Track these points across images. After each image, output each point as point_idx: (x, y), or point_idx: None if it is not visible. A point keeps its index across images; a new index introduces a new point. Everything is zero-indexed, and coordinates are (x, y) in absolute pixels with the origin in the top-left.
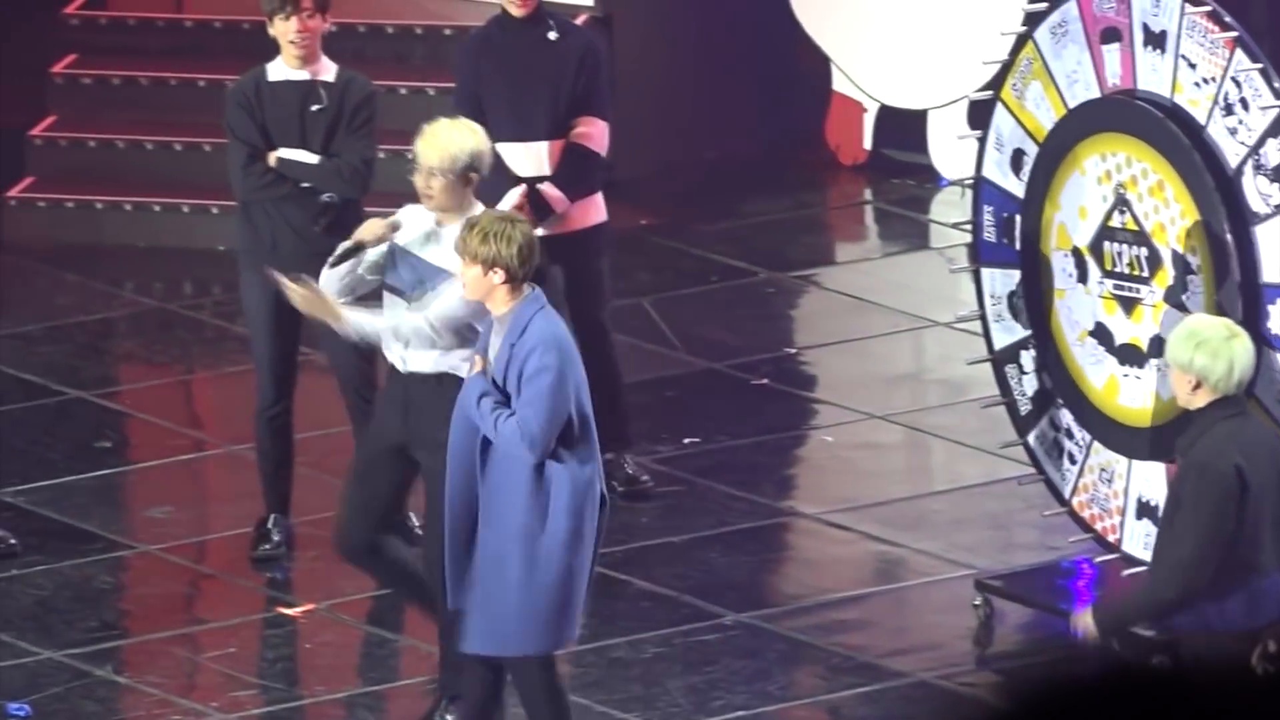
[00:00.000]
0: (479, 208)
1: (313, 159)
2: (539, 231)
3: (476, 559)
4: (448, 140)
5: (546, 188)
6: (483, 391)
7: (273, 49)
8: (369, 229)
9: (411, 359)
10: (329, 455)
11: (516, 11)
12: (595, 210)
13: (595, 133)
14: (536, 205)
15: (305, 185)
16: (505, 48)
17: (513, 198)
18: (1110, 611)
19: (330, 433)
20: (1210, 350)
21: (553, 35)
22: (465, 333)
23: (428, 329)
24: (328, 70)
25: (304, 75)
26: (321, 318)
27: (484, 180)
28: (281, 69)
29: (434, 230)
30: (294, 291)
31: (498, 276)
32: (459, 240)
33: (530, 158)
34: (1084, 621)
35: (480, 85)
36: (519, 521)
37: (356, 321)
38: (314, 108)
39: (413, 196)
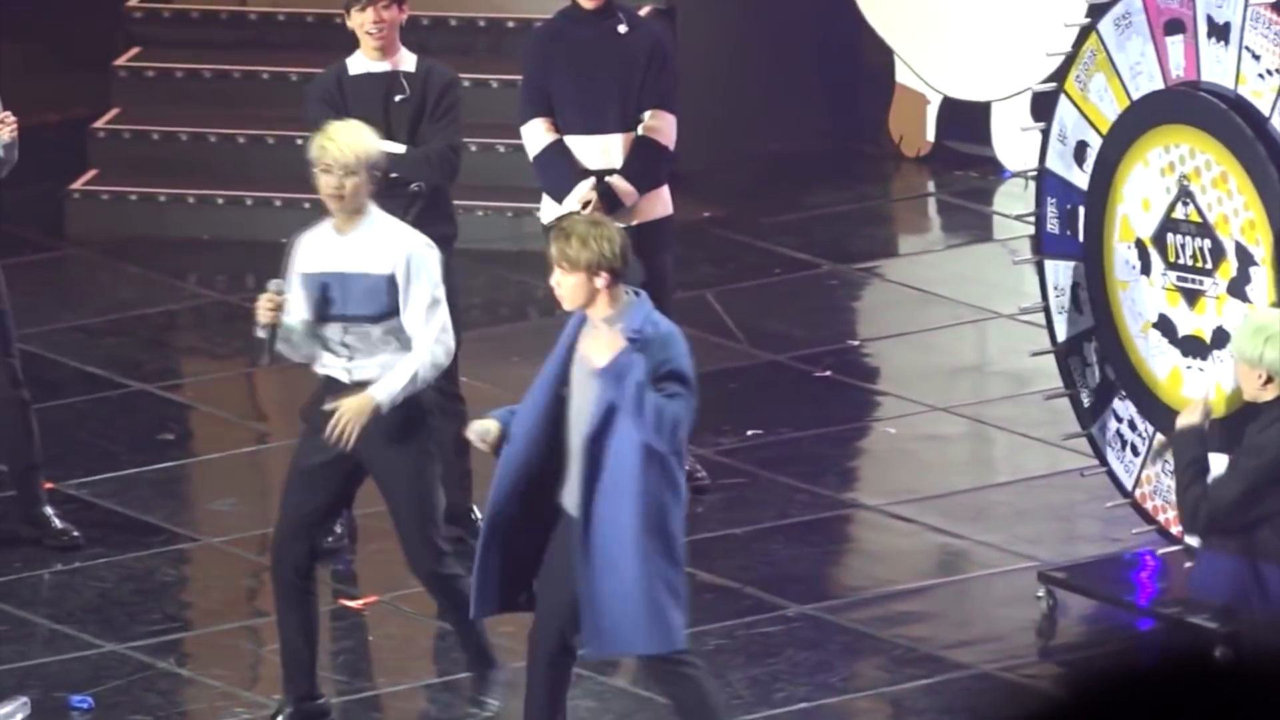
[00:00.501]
0: (373, 207)
1: (399, 149)
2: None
3: (590, 561)
4: (358, 139)
5: (617, 180)
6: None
7: (337, 41)
8: (260, 311)
9: (357, 369)
10: None
11: (587, 4)
12: (661, 203)
13: (664, 126)
14: (606, 198)
15: (393, 175)
16: (574, 41)
17: (583, 190)
18: (1181, 440)
19: None
20: None
21: (622, 28)
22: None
23: (443, 358)
24: (408, 60)
25: (385, 66)
26: (367, 416)
27: (552, 172)
28: (362, 62)
29: (334, 239)
30: (344, 428)
31: (602, 280)
32: (554, 249)
33: (599, 150)
34: (1183, 422)
35: (549, 78)
36: (631, 528)
37: (390, 394)
38: (397, 98)
39: (489, 191)
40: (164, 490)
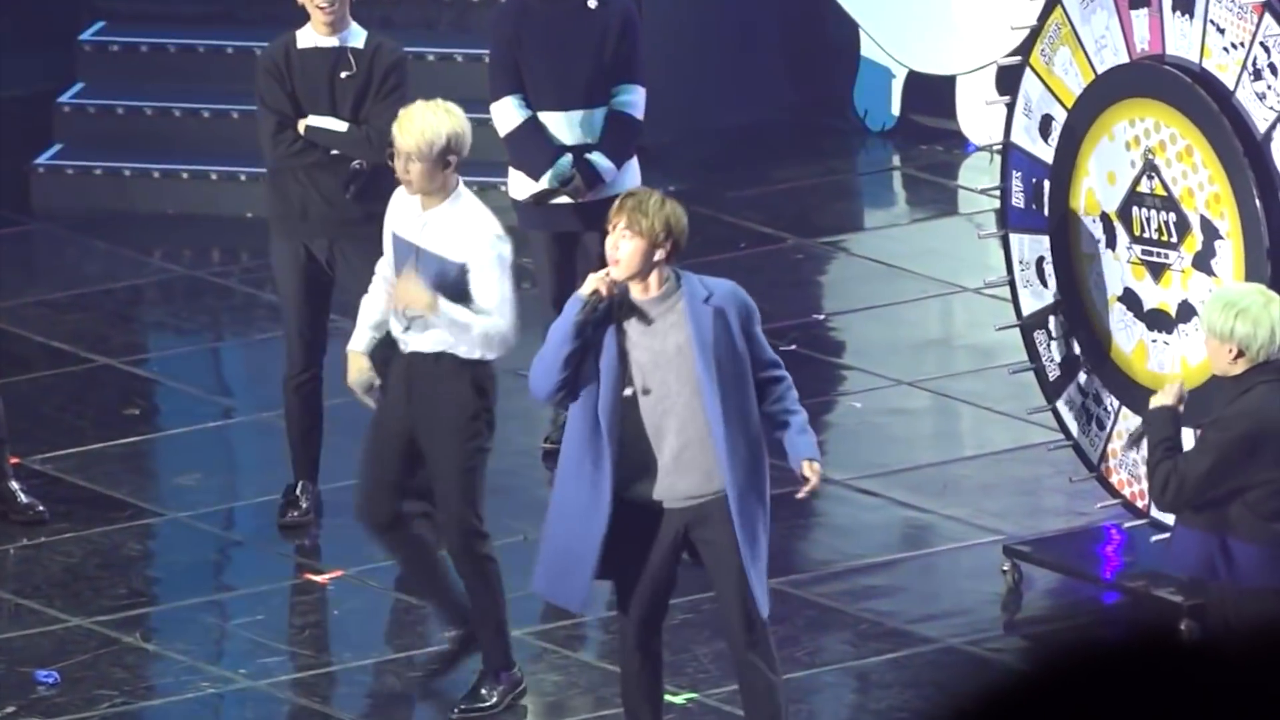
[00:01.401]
0: (462, 188)
1: (341, 126)
2: (587, 198)
3: (742, 535)
4: (424, 124)
5: (597, 158)
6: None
7: (302, 16)
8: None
9: (413, 340)
10: (359, 423)
11: None
12: (630, 176)
13: (637, 100)
14: (586, 174)
15: (335, 153)
16: (545, 15)
17: (564, 167)
18: (1155, 419)
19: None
20: (1251, 318)
21: (592, 3)
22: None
23: (499, 346)
24: (356, 36)
25: (333, 42)
26: (418, 306)
27: (527, 149)
28: (311, 36)
29: (417, 210)
30: (399, 286)
31: (662, 252)
32: (623, 214)
33: (573, 126)
34: (1160, 400)
35: (519, 54)
36: (758, 483)
37: (452, 313)
38: (343, 75)
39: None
40: (129, 465)
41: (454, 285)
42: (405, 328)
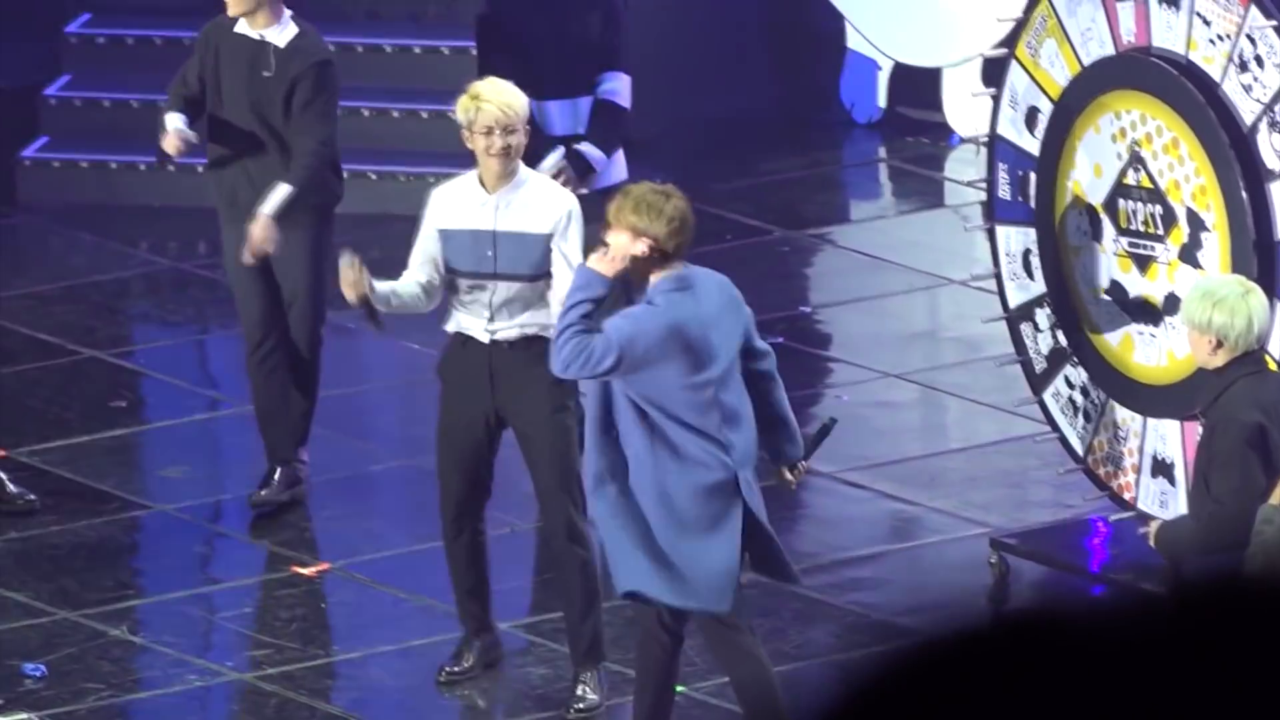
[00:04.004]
0: (525, 168)
1: (282, 193)
2: (582, 191)
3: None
4: (510, 97)
5: (586, 148)
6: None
7: (290, 7)
8: (345, 289)
9: (500, 329)
10: (351, 416)
11: None
12: (617, 168)
13: (622, 88)
14: (577, 165)
15: (259, 141)
16: (531, 5)
17: (554, 160)
18: (1166, 539)
19: (352, 392)
20: (1228, 308)
21: None
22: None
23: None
24: (283, 33)
25: (256, 35)
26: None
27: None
28: (243, 22)
29: (482, 196)
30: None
31: (642, 247)
32: (611, 207)
33: (561, 116)
34: (1151, 532)
35: (499, 43)
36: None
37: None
38: (264, 74)
39: (440, 158)
40: (116, 458)
41: (540, 260)
42: (490, 318)
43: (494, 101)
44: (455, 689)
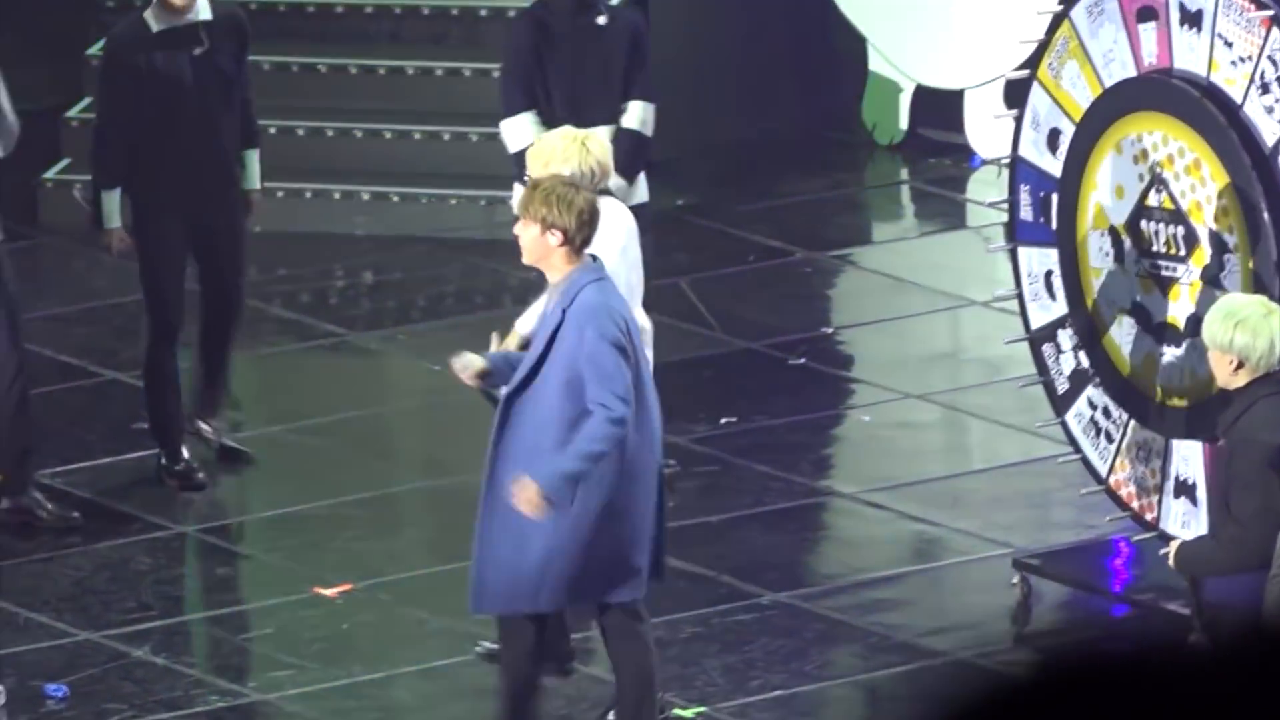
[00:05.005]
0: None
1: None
2: None
3: (490, 519)
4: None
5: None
6: (552, 472)
7: (307, 28)
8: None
9: None
10: (373, 437)
11: None
12: (638, 190)
13: (648, 117)
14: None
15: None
16: (558, 34)
17: None
18: (1186, 559)
19: (374, 413)
20: (1250, 328)
21: (601, 20)
22: None
23: None
24: (203, 8)
25: (185, 19)
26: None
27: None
28: (162, 15)
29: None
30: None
31: (554, 239)
32: (520, 200)
33: None
34: (1171, 552)
35: (535, 66)
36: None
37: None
38: (196, 52)
39: (462, 179)
40: (138, 479)
41: None
42: None
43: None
44: (482, 667)
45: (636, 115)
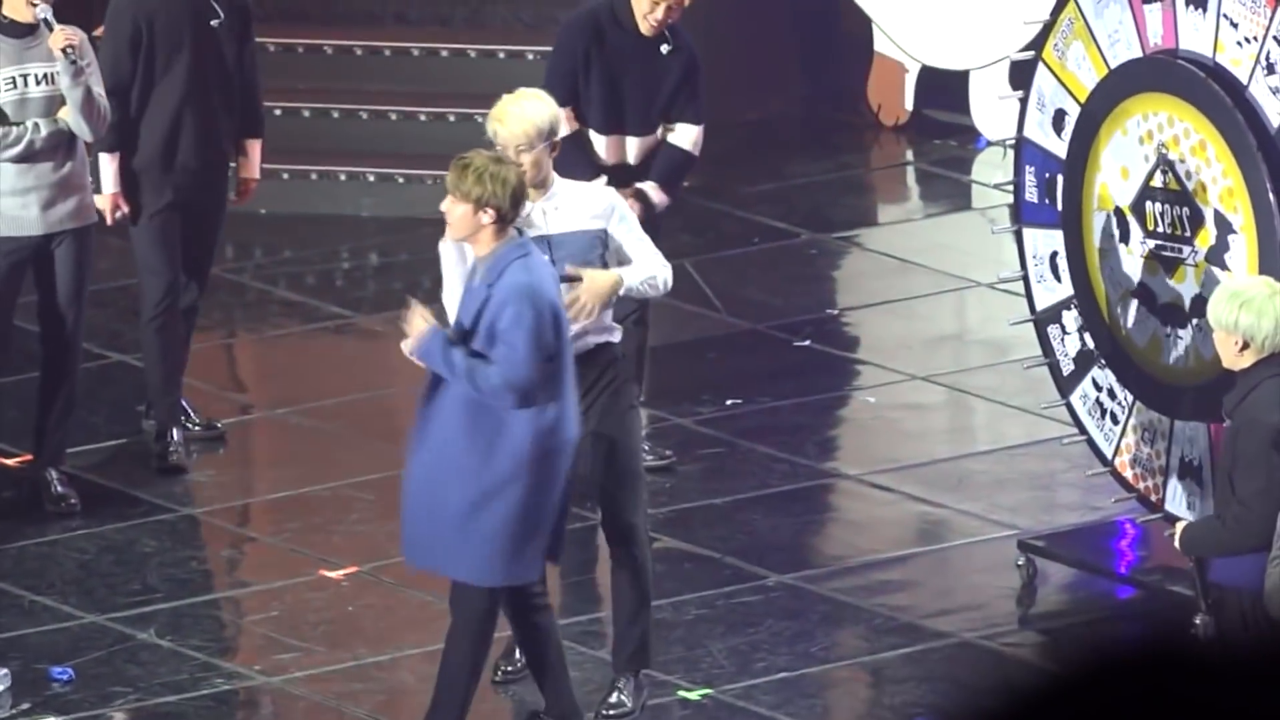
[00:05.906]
0: (558, 179)
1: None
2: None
3: (411, 477)
4: (526, 115)
5: (653, 191)
6: (446, 342)
7: (316, 12)
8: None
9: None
10: (378, 419)
11: (647, 31)
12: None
13: (696, 138)
14: (643, 202)
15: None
16: (617, 47)
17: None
18: (1191, 540)
19: (379, 395)
20: (1255, 309)
21: (665, 48)
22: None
23: (669, 282)
24: None
25: None
26: (608, 296)
27: (570, 162)
28: None
29: (533, 208)
30: (583, 308)
31: (487, 217)
32: (449, 177)
33: (616, 149)
34: (1176, 533)
35: (581, 68)
36: (460, 460)
37: (634, 282)
38: (213, 23)
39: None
40: (143, 462)
41: (597, 258)
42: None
43: (506, 123)
44: (506, 689)
45: (689, 137)
